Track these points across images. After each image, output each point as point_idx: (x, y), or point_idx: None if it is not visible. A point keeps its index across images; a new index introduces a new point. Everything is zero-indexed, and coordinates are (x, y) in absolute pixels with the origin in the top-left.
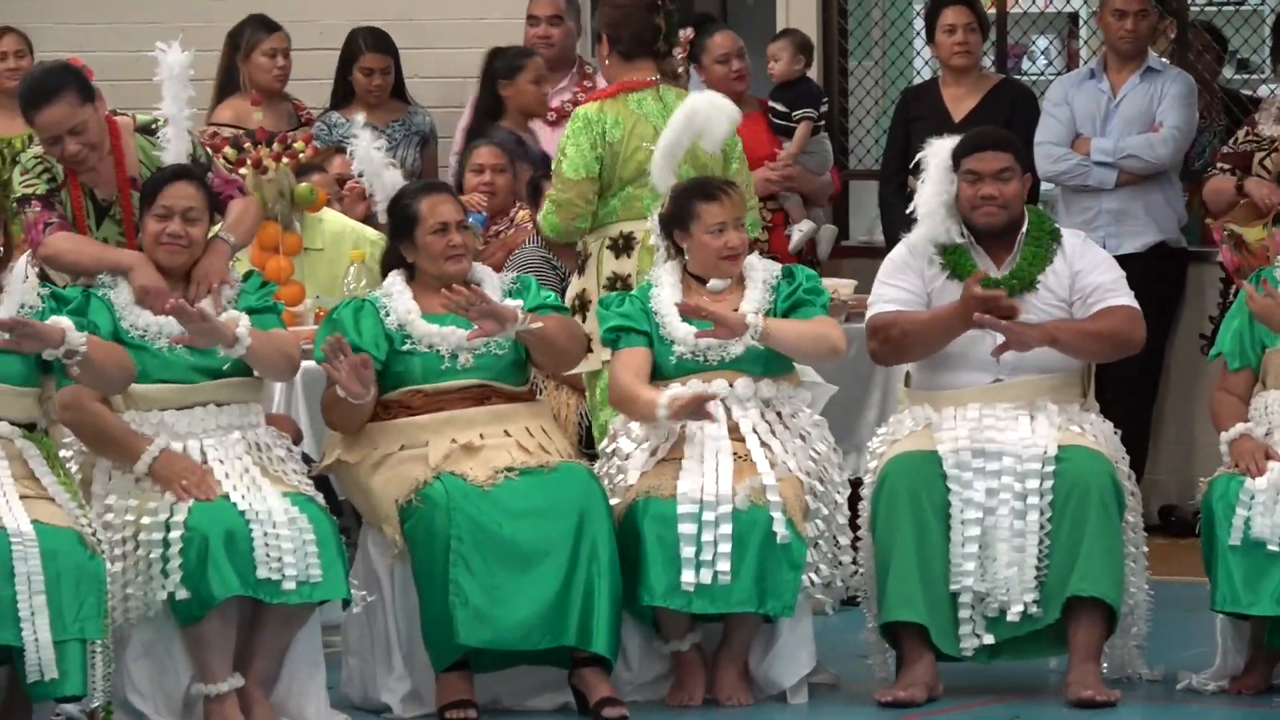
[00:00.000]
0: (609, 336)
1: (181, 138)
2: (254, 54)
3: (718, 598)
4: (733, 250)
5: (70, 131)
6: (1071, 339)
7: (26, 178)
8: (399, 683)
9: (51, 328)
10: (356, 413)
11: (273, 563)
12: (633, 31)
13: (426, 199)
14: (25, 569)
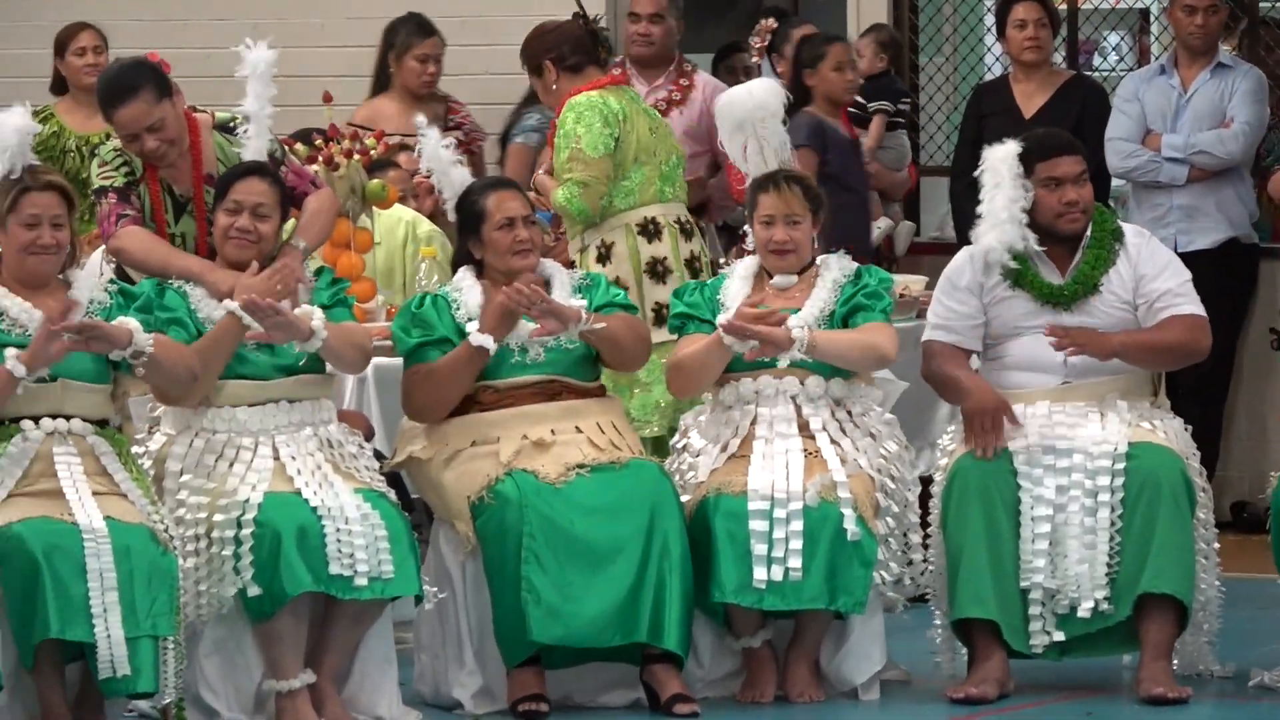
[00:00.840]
0: (675, 323)
1: (262, 135)
2: (406, 57)
3: (789, 594)
4: (778, 245)
5: (148, 129)
6: (1135, 352)
7: (105, 170)
8: (471, 679)
9: (119, 329)
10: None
11: (345, 559)
12: (572, 45)
13: (493, 195)
14: (98, 566)
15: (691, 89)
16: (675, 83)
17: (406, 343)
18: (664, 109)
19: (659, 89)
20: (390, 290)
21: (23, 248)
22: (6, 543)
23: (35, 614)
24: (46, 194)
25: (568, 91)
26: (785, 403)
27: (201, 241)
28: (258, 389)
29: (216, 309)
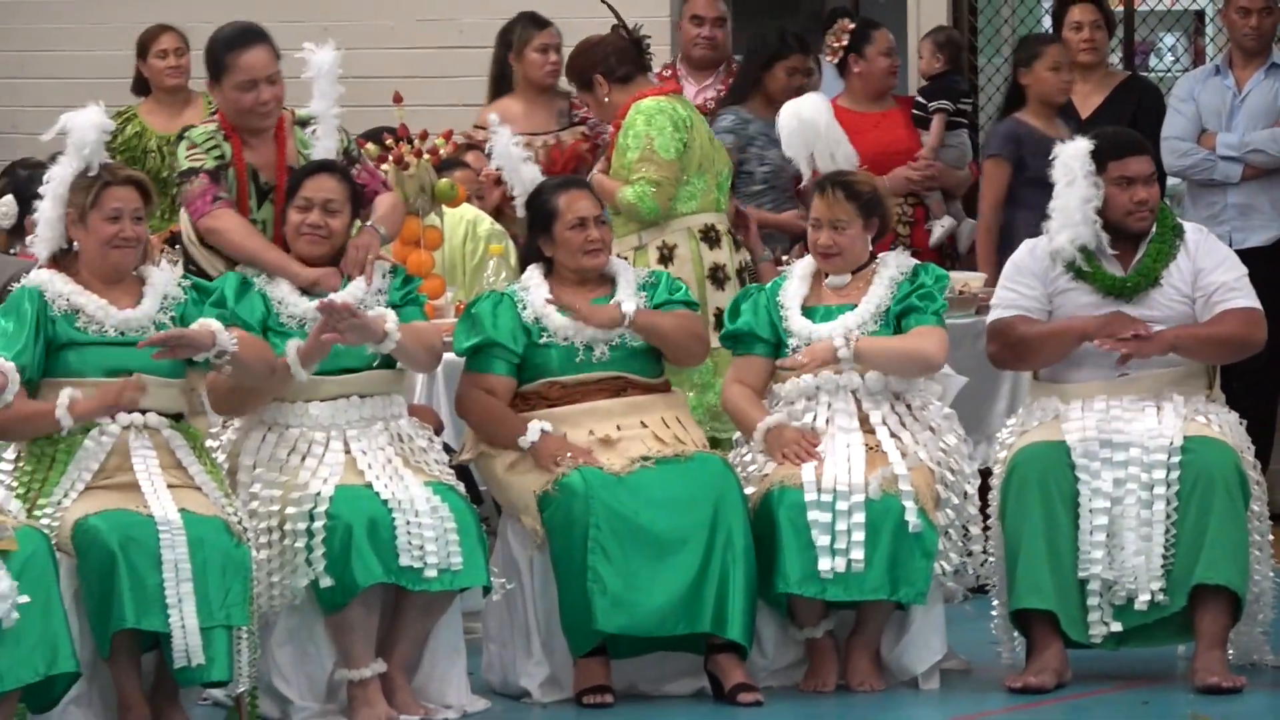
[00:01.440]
0: (727, 342)
1: (331, 135)
2: (526, 50)
3: (851, 585)
4: (822, 249)
5: (268, 79)
6: (1191, 345)
7: (194, 152)
8: (538, 668)
9: (203, 333)
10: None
11: (415, 550)
12: (619, 57)
13: (565, 194)
14: (173, 557)
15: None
16: (724, 82)
17: (461, 343)
18: (714, 108)
19: (708, 89)
20: (453, 287)
21: (105, 241)
22: (84, 535)
23: (111, 605)
24: (126, 188)
25: (622, 102)
26: (846, 397)
27: (277, 231)
28: (330, 384)
29: (298, 305)
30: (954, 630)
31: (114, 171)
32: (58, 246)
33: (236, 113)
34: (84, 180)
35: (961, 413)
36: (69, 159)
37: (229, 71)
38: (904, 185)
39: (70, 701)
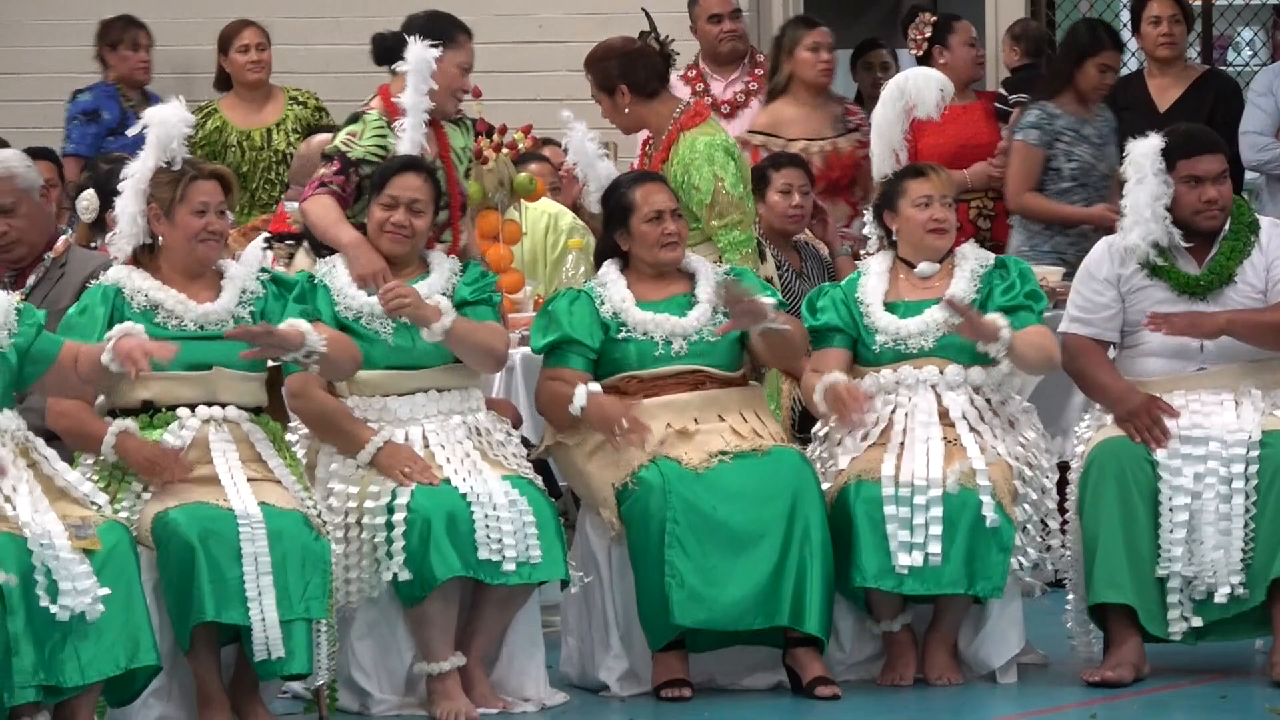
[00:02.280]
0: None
1: (418, 129)
2: (798, 50)
3: (928, 579)
4: (938, 223)
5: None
6: (1245, 330)
7: (353, 138)
8: (616, 662)
9: (291, 333)
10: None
11: (493, 544)
12: (648, 72)
13: (641, 188)
14: (252, 550)
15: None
16: (751, 74)
17: (537, 341)
18: (743, 100)
19: (735, 82)
20: (534, 281)
21: (192, 235)
22: (163, 528)
23: (191, 598)
24: (211, 182)
25: (641, 116)
26: (925, 391)
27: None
28: (408, 378)
29: (355, 298)
30: (1032, 624)
31: (198, 165)
32: (140, 242)
33: (443, 92)
34: (168, 175)
35: (1040, 407)
36: (150, 154)
37: (457, 46)
38: (985, 181)
39: (150, 694)
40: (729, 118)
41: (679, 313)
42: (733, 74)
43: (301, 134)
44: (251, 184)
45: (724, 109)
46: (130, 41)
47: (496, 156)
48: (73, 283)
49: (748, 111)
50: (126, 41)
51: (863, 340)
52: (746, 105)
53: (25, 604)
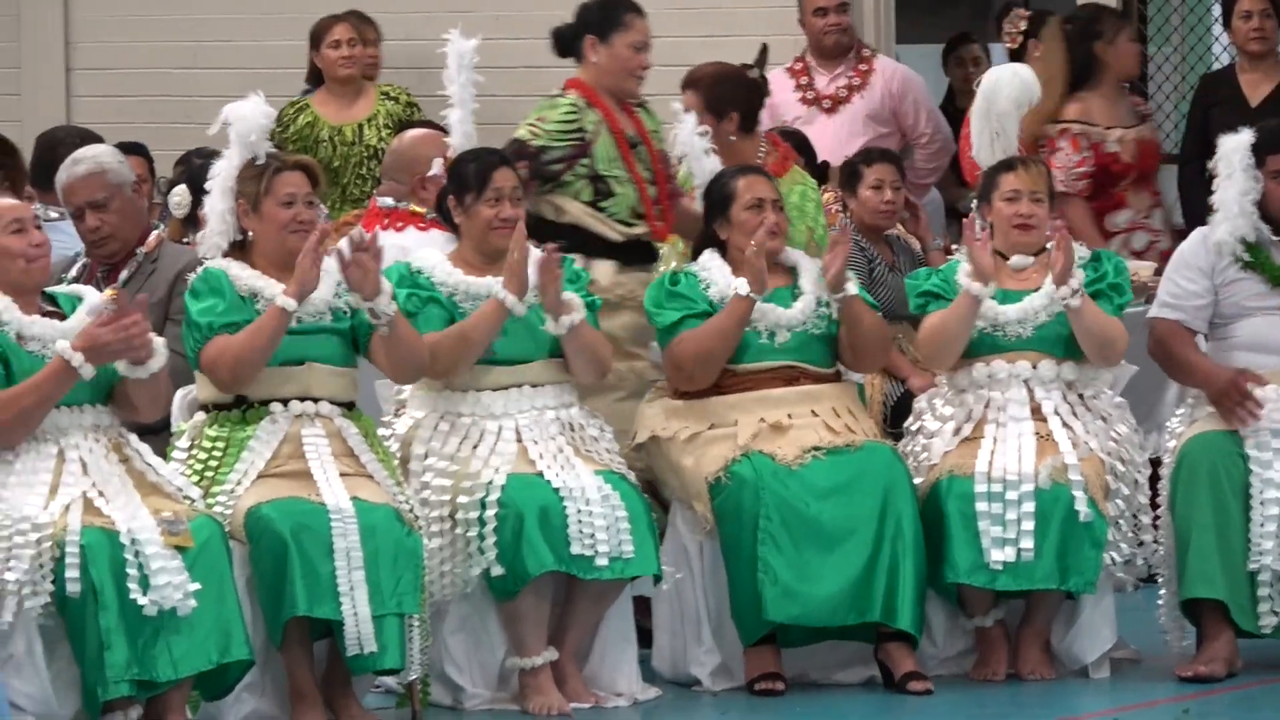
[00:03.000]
0: (919, 302)
1: (467, 121)
2: (1119, 41)
3: (1021, 574)
4: (1024, 219)
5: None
6: None
7: (537, 126)
8: (708, 656)
9: (374, 279)
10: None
11: (586, 539)
12: (757, 106)
13: (744, 177)
14: (345, 545)
15: (872, 73)
16: (856, 69)
17: (668, 316)
18: (845, 95)
19: (839, 77)
20: None
21: (283, 226)
22: (256, 523)
23: (284, 593)
24: (296, 173)
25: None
26: (1018, 386)
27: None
28: (503, 373)
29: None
30: (1124, 619)
31: (282, 157)
32: (230, 240)
33: (621, 73)
34: (253, 170)
35: (1132, 402)
36: (233, 151)
37: (627, 30)
38: None
39: (243, 689)
40: (830, 112)
41: (783, 304)
42: (837, 68)
43: (393, 129)
44: (343, 179)
45: (825, 104)
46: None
47: None
48: (165, 277)
49: (849, 107)
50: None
51: None
52: (848, 100)
53: (118, 599)
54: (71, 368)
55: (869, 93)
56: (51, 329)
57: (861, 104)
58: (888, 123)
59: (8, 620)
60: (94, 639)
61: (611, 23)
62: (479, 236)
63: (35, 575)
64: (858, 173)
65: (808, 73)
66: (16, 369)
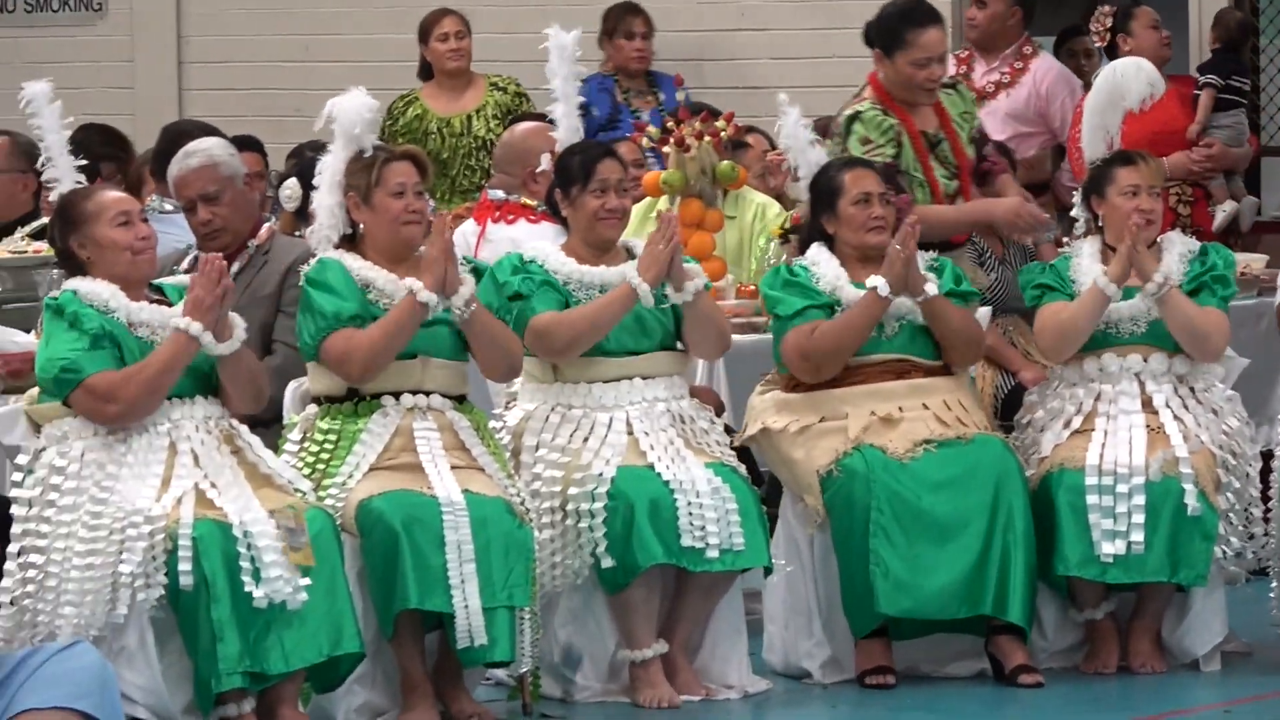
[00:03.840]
0: (1034, 294)
1: (572, 114)
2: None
3: (1131, 567)
4: (1145, 214)
5: (939, 58)
6: None
7: (869, 147)
8: (819, 649)
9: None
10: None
11: (696, 531)
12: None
13: (850, 172)
14: (456, 537)
15: (1024, 73)
16: (1010, 65)
17: (791, 304)
18: (992, 91)
19: (993, 71)
20: (739, 269)
21: (394, 218)
22: (367, 516)
23: (395, 585)
24: (404, 163)
25: None
26: (1129, 379)
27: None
28: (613, 365)
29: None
30: (1235, 613)
31: (390, 148)
32: (339, 233)
33: (906, 87)
34: (361, 162)
35: (1243, 394)
36: (338, 144)
37: (909, 47)
38: (1184, 172)
39: (355, 681)
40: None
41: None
42: (994, 61)
43: (502, 120)
44: (452, 170)
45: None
46: (625, 30)
47: (699, 144)
48: (276, 270)
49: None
50: (622, 30)
51: None
52: (993, 97)
53: (230, 591)
54: (190, 336)
55: (1015, 91)
56: (160, 314)
57: (1005, 102)
58: (1032, 122)
59: (121, 613)
60: (206, 631)
61: (894, 41)
62: (585, 227)
63: (148, 568)
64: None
65: (970, 63)
66: (128, 353)
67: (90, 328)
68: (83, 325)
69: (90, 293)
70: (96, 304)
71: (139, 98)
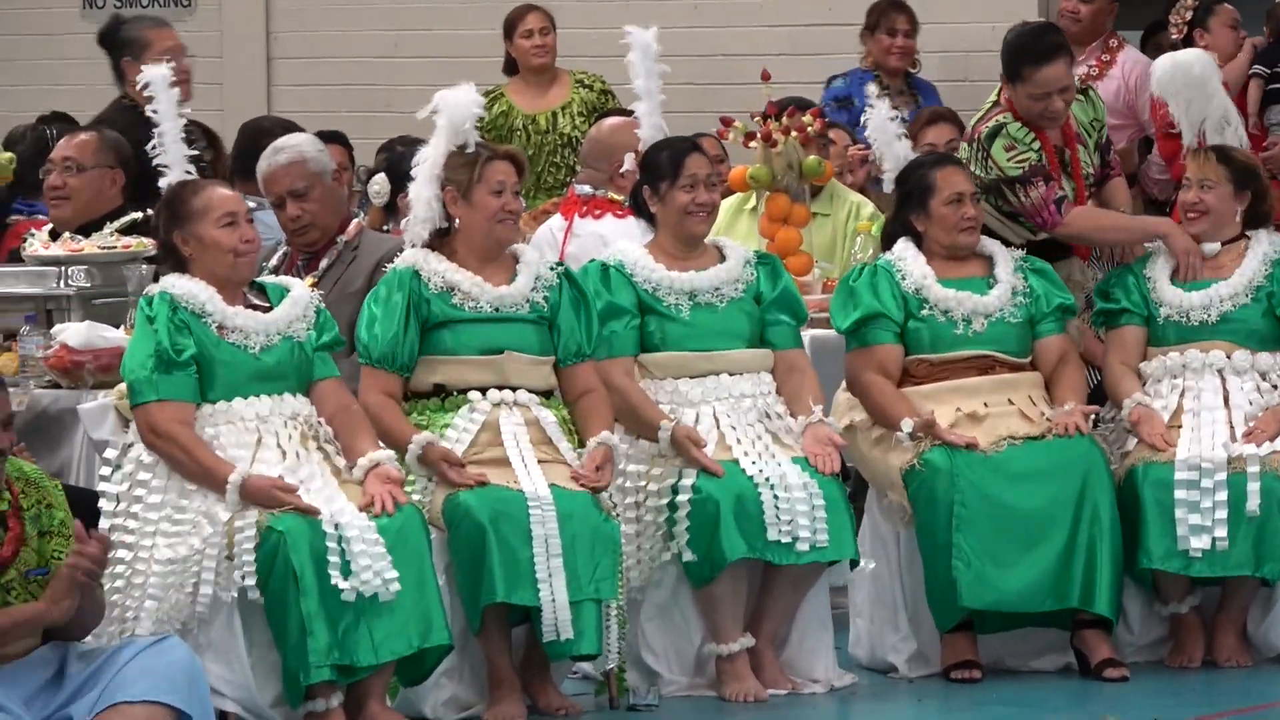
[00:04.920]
0: (1098, 321)
1: (655, 113)
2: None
3: (1215, 561)
4: (1189, 206)
5: (1062, 90)
6: None
7: (1015, 154)
8: (904, 643)
9: None
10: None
11: (783, 525)
12: None
13: (941, 170)
14: (543, 532)
15: (1112, 65)
16: (1098, 58)
17: (841, 322)
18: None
19: (1082, 64)
20: (830, 264)
21: (491, 215)
22: (455, 511)
23: (482, 579)
24: (505, 162)
25: None
26: (1212, 375)
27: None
28: (701, 360)
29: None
30: None
31: (492, 147)
32: (434, 227)
33: (1032, 114)
34: (463, 157)
35: None
36: (441, 138)
37: (1026, 81)
38: None
39: (442, 674)
40: None
41: (980, 292)
42: (1081, 54)
43: (587, 117)
44: (537, 167)
45: None
46: (888, 26)
47: (785, 140)
48: (365, 265)
49: None
50: (884, 26)
51: (1152, 315)
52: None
53: (318, 585)
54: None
55: (1104, 85)
56: (253, 320)
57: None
58: (1120, 114)
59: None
60: (295, 624)
61: (1014, 72)
62: (675, 222)
63: (237, 562)
64: None
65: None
66: (218, 362)
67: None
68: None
69: (187, 294)
70: (192, 305)
71: (227, 94)
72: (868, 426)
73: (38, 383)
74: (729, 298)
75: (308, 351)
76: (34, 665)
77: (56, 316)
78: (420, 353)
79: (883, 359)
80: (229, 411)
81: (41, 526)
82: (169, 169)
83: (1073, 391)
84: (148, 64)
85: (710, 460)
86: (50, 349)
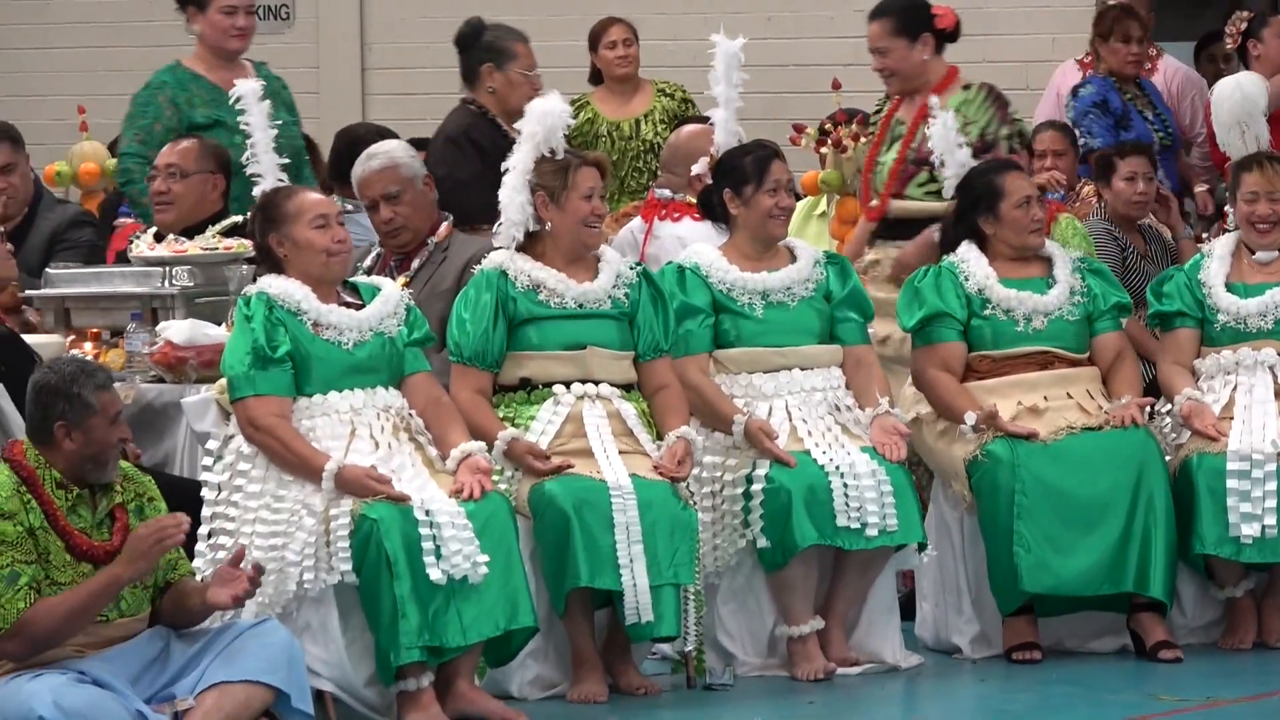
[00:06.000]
0: (1153, 322)
1: (731, 120)
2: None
3: (1265, 548)
4: (1260, 219)
5: None
6: None
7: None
8: (968, 625)
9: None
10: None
11: (852, 512)
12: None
13: (1008, 174)
14: (624, 519)
15: (1153, 72)
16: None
17: (906, 321)
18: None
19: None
20: None
21: (581, 219)
22: (540, 499)
23: (567, 564)
24: (593, 169)
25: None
26: (1263, 371)
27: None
28: (774, 355)
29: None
30: None
31: (581, 154)
32: (526, 230)
33: None
34: (554, 164)
35: None
36: (527, 145)
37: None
38: None
39: (528, 655)
40: None
41: (1039, 291)
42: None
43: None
44: (620, 172)
45: None
46: (1123, 33)
47: (855, 145)
48: (455, 265)
49: None
50: (1119, 33)
51: (1207, 319)
52: None
53: (410, 570)
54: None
55: None
56: (347, 318)
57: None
58: None
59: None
60: (388, 607)
61: None
62: (757, 225)
63: (333, 548)
64: (1111, 164)
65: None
66: (313, 357)
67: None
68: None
69: (283, 293)
70: (289, 304)
71: (324, 103)
72: (933, 419)
73: (143, 378)
74: (800, 296)
75: (399, 347)
76: (140, 646)
77: (161, 314)
78: (507, 348)
79: (946, 355)
80: (324, 404)
81: (145, 518)
82: (262, 178)
83: (1129, 386)
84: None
85: (783, 451)
86: (155, 345)
